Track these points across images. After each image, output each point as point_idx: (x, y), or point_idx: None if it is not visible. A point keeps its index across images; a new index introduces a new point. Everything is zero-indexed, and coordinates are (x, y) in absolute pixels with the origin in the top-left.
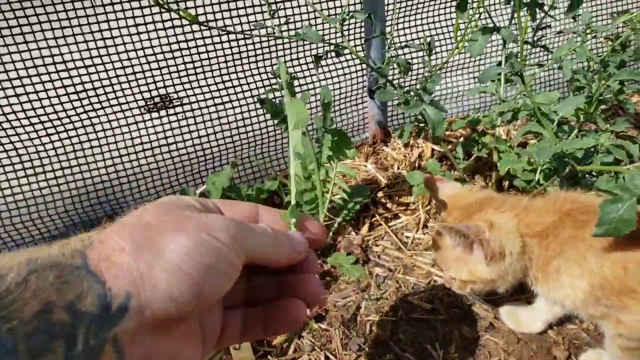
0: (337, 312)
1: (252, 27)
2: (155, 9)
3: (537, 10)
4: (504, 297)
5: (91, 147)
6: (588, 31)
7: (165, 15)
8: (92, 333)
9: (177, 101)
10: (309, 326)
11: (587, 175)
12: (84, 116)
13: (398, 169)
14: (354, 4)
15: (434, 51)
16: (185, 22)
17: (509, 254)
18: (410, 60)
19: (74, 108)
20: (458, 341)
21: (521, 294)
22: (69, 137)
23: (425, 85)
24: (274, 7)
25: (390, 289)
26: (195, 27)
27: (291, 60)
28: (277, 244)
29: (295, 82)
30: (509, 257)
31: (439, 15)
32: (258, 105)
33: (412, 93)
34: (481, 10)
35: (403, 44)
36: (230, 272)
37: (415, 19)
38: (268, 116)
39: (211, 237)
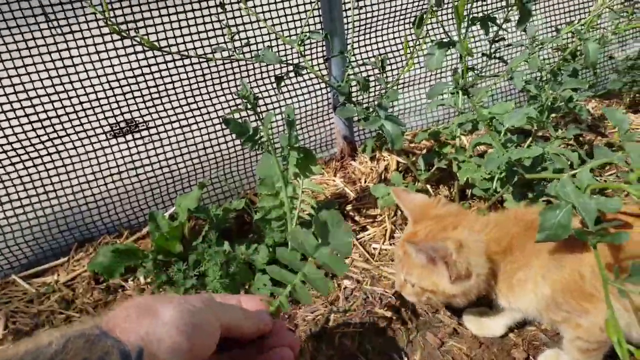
0: (307, 327)
1: (213, 50)
2: (116, 36)
3: (490, 24)
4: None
5: (58, 175)
6: (535, 43)
7: (127, 41)
8: None
9: (142, 125)
10: None
11: (539, 182)
12: (49, 144)
13: (365, 182)
14: (314, 24)
15: (395, 66)
16: (146, 47)
17: (475, 275)
18: (370, 77)
19: (38, 136)
20: (423, 348)
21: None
22: (35, 166)
23: (381, 101)
24: (234, 29)
25: (358, 301)
26: (157, 51)
27: (255, 80)
28: (246, 316)
29: (261, 102)
30: (475, 277)
31: (399, 31)
32: (224, 126)
33: (371, 109)
34: (436, 25)
35: (361, 62)
36: (212, 331)
37: (376, 36)
38: (234, 135)
39: (192, 305)
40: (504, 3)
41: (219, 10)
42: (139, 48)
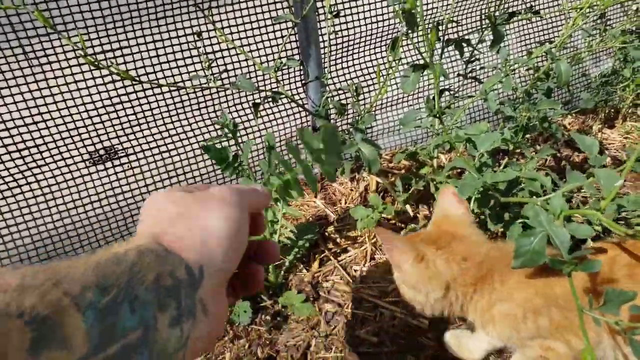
0: (288, 353)
1: (190, 78)
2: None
3: (465, 45)
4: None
5: (37, 204)
6: (508, 64)
7: (104, 70)
8: (188, 293)
9: (122, 152)
10: None
11: (515, 204)
12: (27, 173)
13: (345, 202)
14: (291, 49)
15: (373, 88)
16: (121, 77)
17: (424, 293)
18: (348, 100)
19: (17, 166)
20: None
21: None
22: (13, 195)
23: (356, 126)
24: (211, 56)
25: (339, 325)
26: (135, 81)
27: (234, 105)
28: (257, 195)
29: (241, 125)
30: (424, 296)
31: (375, 53)
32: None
33: (347, 133)
34: (412, 47)
35: (337, 87)
36: (246, 231)
37: (353, 59)
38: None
39: (231, 208)
40: (479, 24)
41: (196, 38)
42: (116, 77)
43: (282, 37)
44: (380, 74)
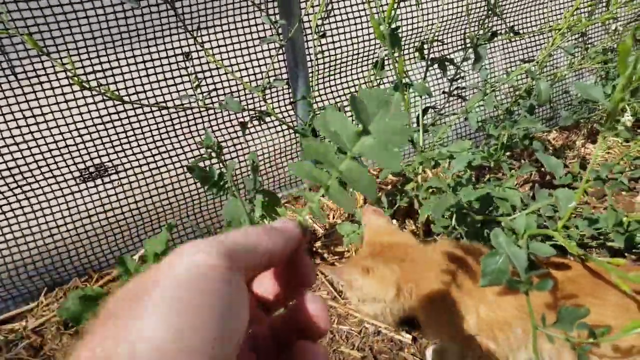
0: None
1: (180, 97)
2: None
3: (448, 64)
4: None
5: (27, 220)
6: (488, 84)
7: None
8: None
9: (112, 169)
10: None
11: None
12: (18, 191)
13: (334, 217)
14: (279, 68)
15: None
16: (109, 97)
17: (382, 299)
18: None
19: (7, 184)
20: None
21: None
22: (3, 212)
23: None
24: (200, 75)
25: (325, 340)
26: (125, 98)
27: (224, 122)
28: (266, 233)
29: (230, 142)
30: (382, 304)
31: (362, 72)
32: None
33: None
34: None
35: (325, 105)
36: (237, 314)
37: (341, 77)
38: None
39: (194, 293)
40: (463, 43)
41: (185, 58)
42: (105, 96)
43: (271, 56)
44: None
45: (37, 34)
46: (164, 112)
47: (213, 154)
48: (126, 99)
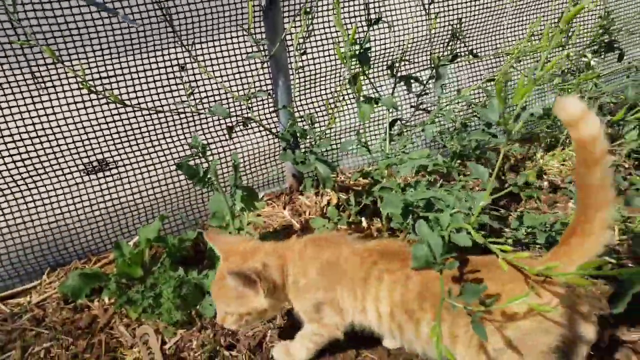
0: (246, 341)
1: (175, 103)
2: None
3: (413, 81)
4: None
5: (35, 207)
6: (443, 101)
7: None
8: None
9: (112, 164)
10: (220, 353)
11: None
12: (29, 180)
13: (310, 214)
14: (265, 80)
15: (337, 115)
16: (112, 100)
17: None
18: (316, 124)
19: (20, 174)
20: (343, 358)
21: None
22: (15, 199)
23: (311, 149)
24: (193, 84)
25: (294, 319)
26: (126, 102)
27: (214, 126)
28: None
29: (219, 144)
30: (277, 290)
31: (337, 85)
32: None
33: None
34: (367, 83)
35: (301, 114)
36: None
37: (320, 89)
38: None
39: None
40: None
41: (180, 69)
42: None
43: (256, 69)
44: (330, 106)
45: (53, 45)
46: (160, 115)
47: (199, 154)
48: (127, 102)
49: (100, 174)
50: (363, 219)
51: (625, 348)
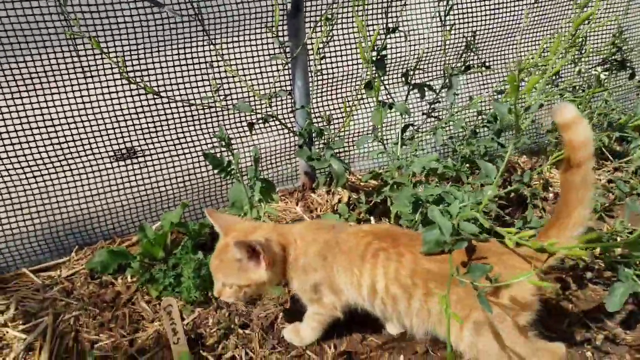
0: (259, 321)
1: (201, 97)
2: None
3: (427, 89)
4: None
5: (68, 189)
6: (455, 108)
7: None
8: None
9: (140, 153)
10: (234, 331)
11: None
12: (64, 163)
13: (321, 211)
14: (285, 81)
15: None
16: (147, 91)
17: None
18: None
19: (57, 156)
20: (349, 342)
21: None
22: (51, 180)
23: (328, 145)
24: (219, 81)
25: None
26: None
27: (236, 122)
28: None
29: (240, 140)
30: (277, 263)
31: (356, 88)
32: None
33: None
34: (382, 88)
35: (318, 115)
36: None
37: (337, 92)
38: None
39: None
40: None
41: (208, 66)
42: (142, 90)
43: (278, 70)
44: (347, 108)
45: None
46: (187, 108)
47: (224, 145)
48: (160, 94)
49: (128, 161)
50: (372, 217)
51: (622, 348)
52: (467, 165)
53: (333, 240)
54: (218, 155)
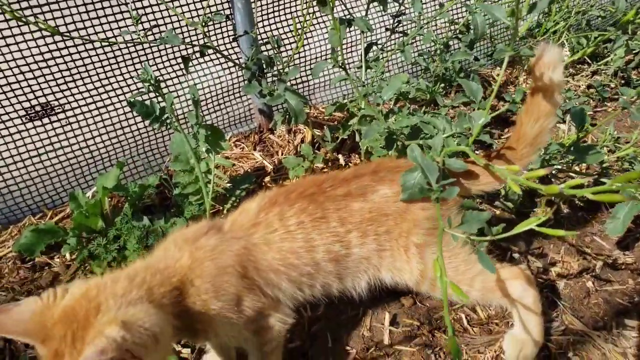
0: None
1: (121, 34)
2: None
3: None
4: None
5: None
6: (424, 19)
7: (33, 26)
8: None
9: (58, 108)
10: None
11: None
12: None
13: (282, 154)
14: (221, 3)
15: (305, 42)
16: (48, 32)
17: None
18: (283, 53)
19: None
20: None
21: None
22: None
23: (280, 77)
24: (141, 12)
25: None
26: (65, 35)
27: (168, 60)
28: None
29: (176, 80)
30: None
31: (307, 8)
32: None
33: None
34: (338, 3)
35: (265, 40)
36: None
37: (285, 13)
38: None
39: None
40: None
41: None
42: (46, 32)
43: None
44: (297, 29)
45: None
46: (107, 49)
47: (151, 88)
48: (66, 34)
49: (45, 120)
50: (340, 155)
51: (623, 273)
52: (442, 85)
53: (220, 238)
54: (147, 102)
